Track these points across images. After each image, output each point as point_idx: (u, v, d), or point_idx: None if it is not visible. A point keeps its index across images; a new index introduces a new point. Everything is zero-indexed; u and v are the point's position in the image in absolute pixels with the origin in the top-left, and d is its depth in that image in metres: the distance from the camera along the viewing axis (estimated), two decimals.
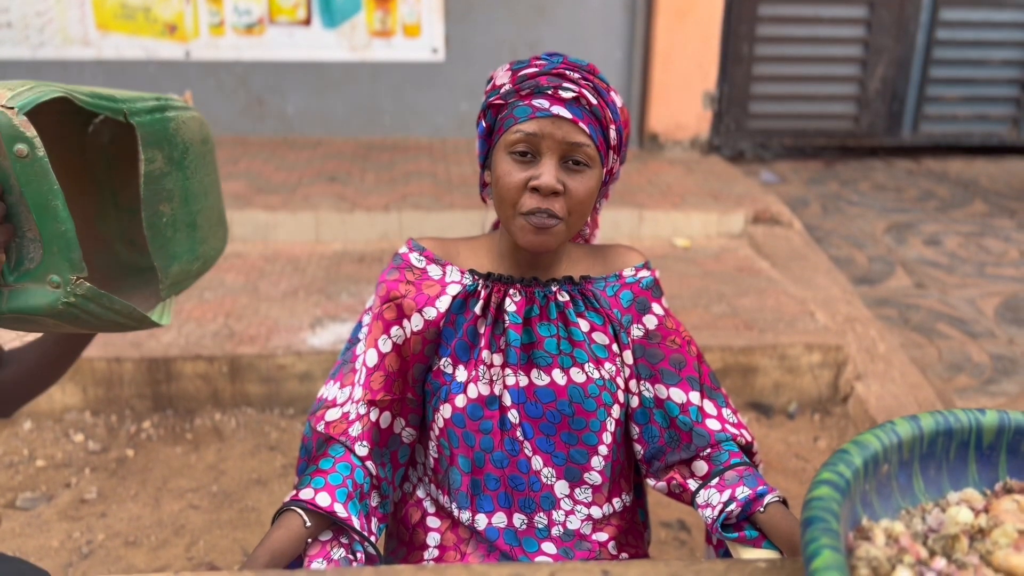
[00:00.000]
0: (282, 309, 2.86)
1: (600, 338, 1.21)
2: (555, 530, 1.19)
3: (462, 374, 1.18)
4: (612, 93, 1.14)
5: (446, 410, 1.18)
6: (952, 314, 3.25)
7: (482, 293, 1.19)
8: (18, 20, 4.63)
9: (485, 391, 1.16)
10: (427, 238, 1.26)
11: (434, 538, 1.23)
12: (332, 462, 1.13)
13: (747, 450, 1.20)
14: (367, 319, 1.25)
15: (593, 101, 1.09)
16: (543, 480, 1.18)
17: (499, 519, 1.19)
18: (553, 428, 1.17)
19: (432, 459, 1.24)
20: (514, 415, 1.16)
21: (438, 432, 1.20)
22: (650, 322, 1.23)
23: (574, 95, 1.08)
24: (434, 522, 1.24)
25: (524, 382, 1.17)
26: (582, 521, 1.20)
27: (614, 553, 1.22)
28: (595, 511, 1.20)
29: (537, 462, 1.18)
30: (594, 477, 1.19)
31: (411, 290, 1.20)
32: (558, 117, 1.08)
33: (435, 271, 1.22)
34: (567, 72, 1.10)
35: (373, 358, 1.19)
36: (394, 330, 1.19)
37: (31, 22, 4.65)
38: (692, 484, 1.17)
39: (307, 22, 4.76)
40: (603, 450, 1.19)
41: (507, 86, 1.13)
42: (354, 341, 1.27)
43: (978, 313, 3.24)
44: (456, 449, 1.19)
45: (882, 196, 4.65)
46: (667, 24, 4.68)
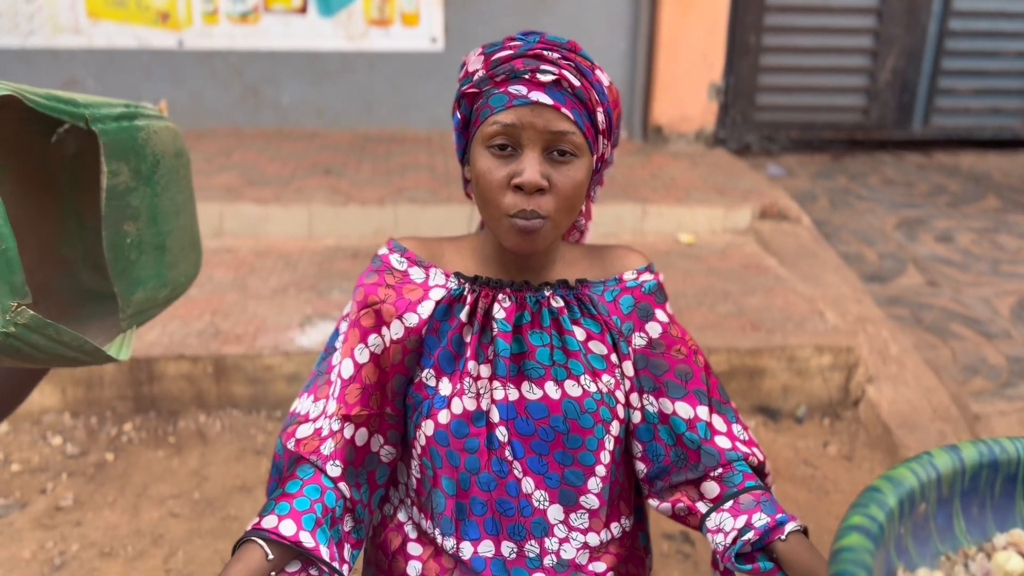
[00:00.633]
0: (271, 307, 2.76)
1: (597, 347, 1.10)
2: (548, 560, 1.09)
3: (446, 387, 1.07)
4: (597, 71, 1.04)
5: (428, 427, 1.07)
6: (966, 314, 3.13)
7: (468, 298, 1.09)
8: (7, 7, 4.52)
9: (471, 406, 1.06)
10: (409, 238, 1.16)
11: (415, 567, 1.13)
12: (300, 485, 1.03)
13: (759, 470, 1.10)
14: (344, 326, 1.15)
15: (576, 83, 0.99)
16: (535, 504, 1.07)
17: (486, 547, 1.09)
18: (546, 447, 1.07)
19: (415, 479, 1.14)
20: (503, 432, 1.06)
21: (420, 451, 1.10)
22: (653, 330, 1.13)
23: (554, 78, 0.98)
24: (416, 549, 1.14)
25: (514, 396, 1.07)
26: (578, 550, 1.10)
27: None
28: (592, 538, 1.10)
29: (528, 484, 1.07)
30: (591, 500, 1.08)
31: (391, 295, 1.10)
32: (538, 104, 0.97)
33: (417, 274, 1.12)
34: (545, 52, 1.00)
35: (348, 369, 1.09)
36: (372, 338, 1.09)
37: (20, 9, 4.53)
38: (702, 507, 1.07)
39: (303, 10, 4.65)
40: (601, 471, 1.09)
41: (480, 72, 1.03)
42: (330, 350, 1.17)
43: (993, 313, 3.13)
44: (439, 469, 1.08)
45: (892, 191, 4.53)
46: (672, 13, 4.58)
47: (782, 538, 0.96)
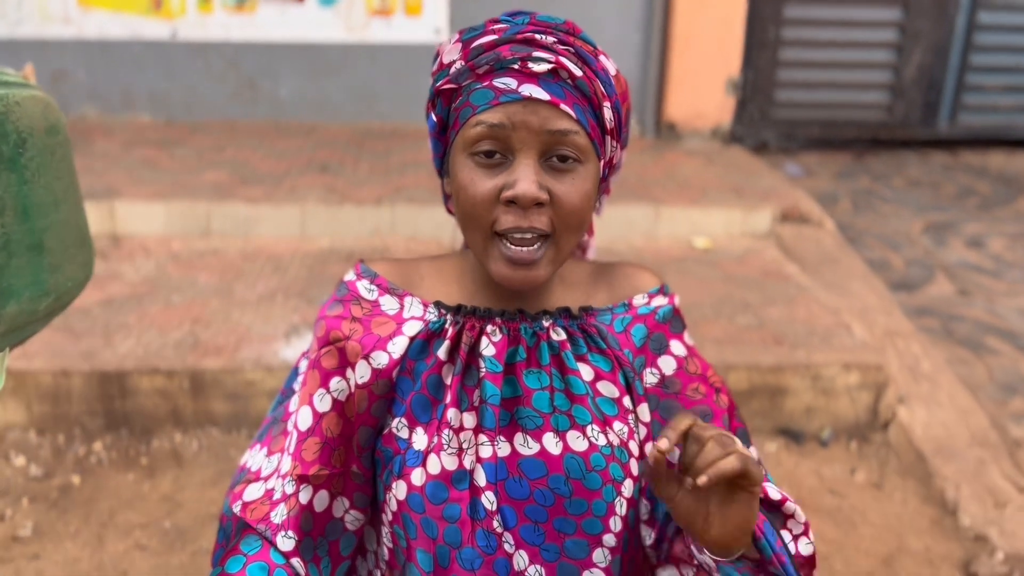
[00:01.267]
0: (256, 315, 2.57)
1: (608, 389, 0.92)
2: None
3: (420, 440, 0.89)
4: (601, 57, 0.85)
5: (400, 488, 0.89)
6: (1001, 326, 2.93)
7: (450, 331, 0.90)
8: None
9: (451, 464, 0.87)
10: (382, 260, 0.96)
11: None
12: (242, 563, 0.85)
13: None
14: (303, 365, 0.96)
15: (577, 72, 0.80)
16: None
17: None
18: (543, 513, 0.88)
19: (386, 549, 0.95)
20: (490, 499, 0.87)
21: (391, 517, 0.91)
22: (667, 365, 0.94)
23: (550, 67, 0.79)
24: None
25: (505, 452, 0.88)
26: None
27: None
28: None
29: (521, 559, 0.89)
30: None
31: (357, 330, 0.91)
32: (531, 99, 0.79)
33: (390, 304, 0.93)
34: (537, 36, 0.81)
35: (307, 419, 0.90)
36: (334, 382, 0.90)
37: None
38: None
39: None
40: (610, 540, 0.90)
41: (458, 63, 0.83)
42: (287, 392, 0.98)
43: None
44: (413, 540, 0.89)
45: (917, 192, 4.32)
46: (687, 4, 4.40)
47: None
